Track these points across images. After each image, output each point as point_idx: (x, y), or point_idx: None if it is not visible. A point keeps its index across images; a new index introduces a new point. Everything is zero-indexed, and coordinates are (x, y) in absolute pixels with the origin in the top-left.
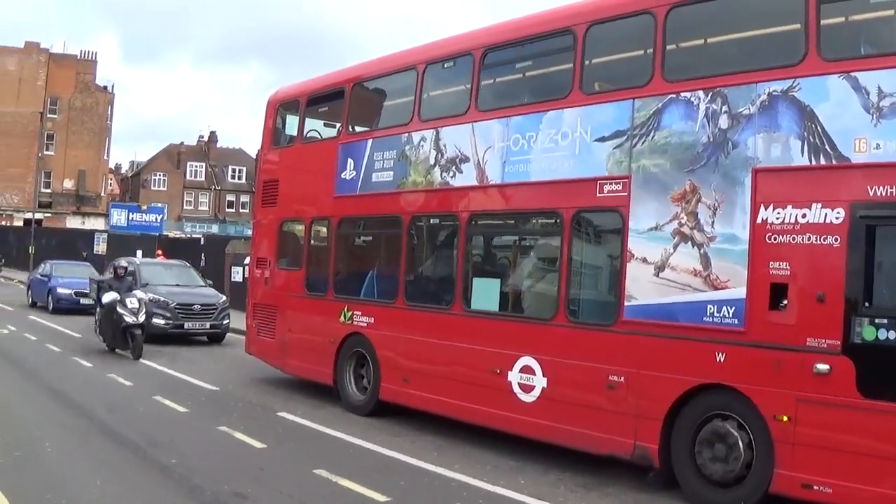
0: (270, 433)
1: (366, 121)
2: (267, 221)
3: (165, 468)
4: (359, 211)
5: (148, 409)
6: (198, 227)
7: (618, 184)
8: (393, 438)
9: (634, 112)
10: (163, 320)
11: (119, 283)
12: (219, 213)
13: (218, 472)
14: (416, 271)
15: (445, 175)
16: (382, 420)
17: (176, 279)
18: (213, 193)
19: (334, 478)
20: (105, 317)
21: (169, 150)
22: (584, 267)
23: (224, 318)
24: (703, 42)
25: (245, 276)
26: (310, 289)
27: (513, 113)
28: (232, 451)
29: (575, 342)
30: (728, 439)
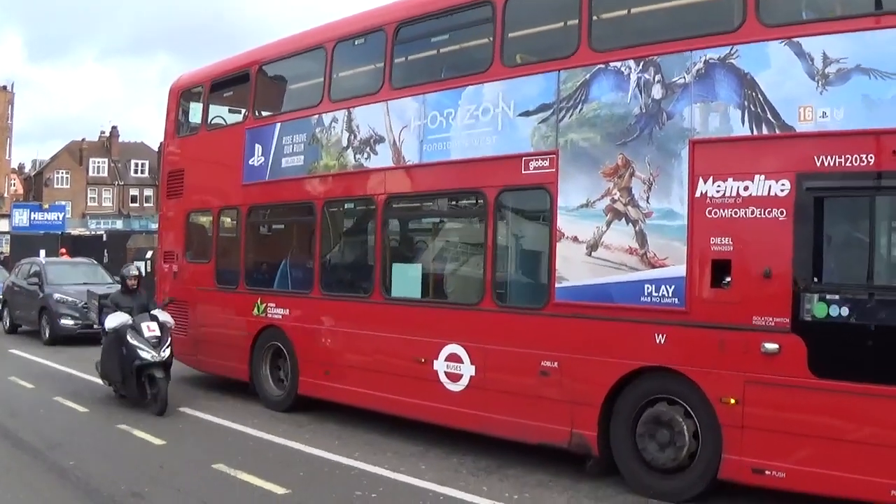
0: (170, 429)
1: (273, 104)
2: (173, 214)
3: (63, 471)
4: (269, 198)
5: (49, 410)
6: (102, 223)
7: (545, 160)
8: (294, 429)
9: (560, 84)
10: (71, 321)
11: (131, 300)
12: (123, 209)
13: (116, 472)
14: (331, 259)
15: (359, 157)
16: (287, 413)
17: (84, 277)
18: (117, 189)
19: (234, 472)
20: (110, 349)
21: (71, 147)
22: (510, 249)
23: None
24: (631, 10)
25: (147, 269)
26: (220, 281)
27: (429, 90)
28: (131, 450)
29: (503, 327)
30: (671, 424)
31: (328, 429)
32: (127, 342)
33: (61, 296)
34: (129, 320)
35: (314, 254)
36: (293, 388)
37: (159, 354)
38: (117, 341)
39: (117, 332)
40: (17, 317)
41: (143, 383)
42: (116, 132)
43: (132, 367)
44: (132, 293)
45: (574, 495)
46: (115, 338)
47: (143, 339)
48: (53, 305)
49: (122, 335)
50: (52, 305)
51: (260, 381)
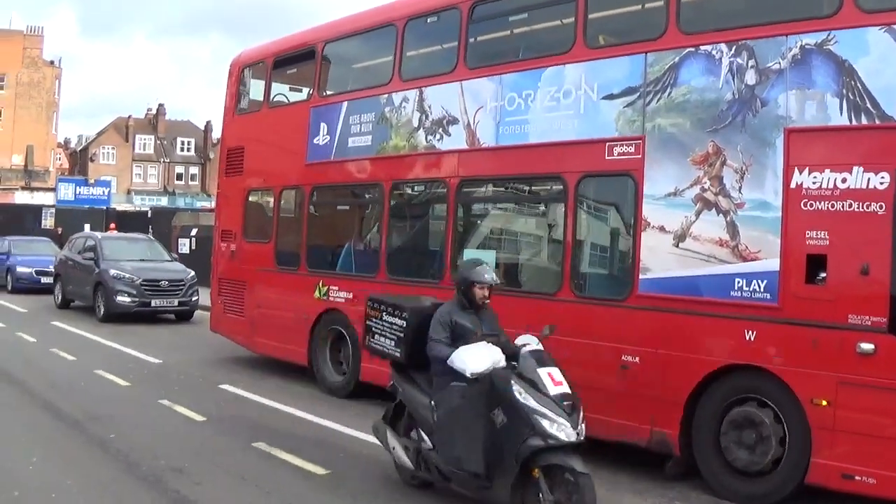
0: (212, 406)
1: (338, 82)
2: (232, 192)
3: (104, 443)
4: (334, 178)
5: (89, 383)
6: (147, 199)
7: (630, 145)
8: (336, 411)
9: (647, 67)
10: (128, 298)
11: (477, 322)
12: (168, 186)
13: (156, 446)
14: (399, 243)
15: (431, 138)
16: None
17: (141, 254)
18: (162, 166)
19: (274, 451)
20: (461, 413)
21: (117, 123)
22: (590, 236)
23: (193, 294)
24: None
25: (192, 247)
26: (280, 262)
27: (507, 70)
28: (172, 425)
29: (582, 319)
30: (758, 425)
31: (370, 412)
32: (515, 402)
33: (118, 272)
34: (501, 360)
35: (381, 237)
36: (354, 375)
37: (576, 431)
38: (482, 399)
39: (484, 382)
40: (69, 292)
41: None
42: (163, 110)
43: (522, 449)
44: (479, 310)
45: (613, 487)
46: (475, 393)
47: (545, 398)
48: (109, 282)
49: (502, 389)
50: (108, 282)
51: (319, 366)
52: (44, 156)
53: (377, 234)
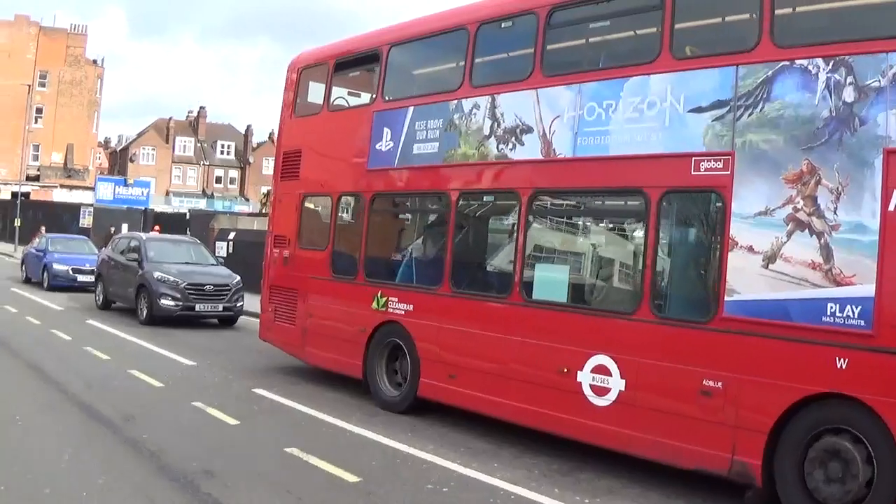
0: (244, 410)
1: (403, 87)
2: (287, 197)
3: (136, 444)
4: (397, 186)
5: (123, 383)
6: (185, 201)
7: (718, 161)
8: (369, 418)
9: (738, 80)
10: (172, 301)
11: None
12: (206, 189)
13: (188, 448)
14: (465, 254)
15: (503, 147)
16: (357, 398)
17: (186, 257)
18: (202, 169)
19: (306, 456)
20: None
21: (158, 124)
22: (672, 255)
23: (238, 299)
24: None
25: (230, 251)
26: (336, 271)
27: (587, 79)
28: (204, 428)
29: (661, 340)
30: (846, 458)
31: (402, 420)
32: None
33: (162, 275)
34: None
35: (445, 248)
36: (412, 390)
37: None
38: None
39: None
40: (111, 293)
41: None
42: (204, 112)
43: None
44: None
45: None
46: None
47: None
48: (153, 284)
49: None
50: (152, 284)
51: (374, 380)
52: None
53: (441, 245)
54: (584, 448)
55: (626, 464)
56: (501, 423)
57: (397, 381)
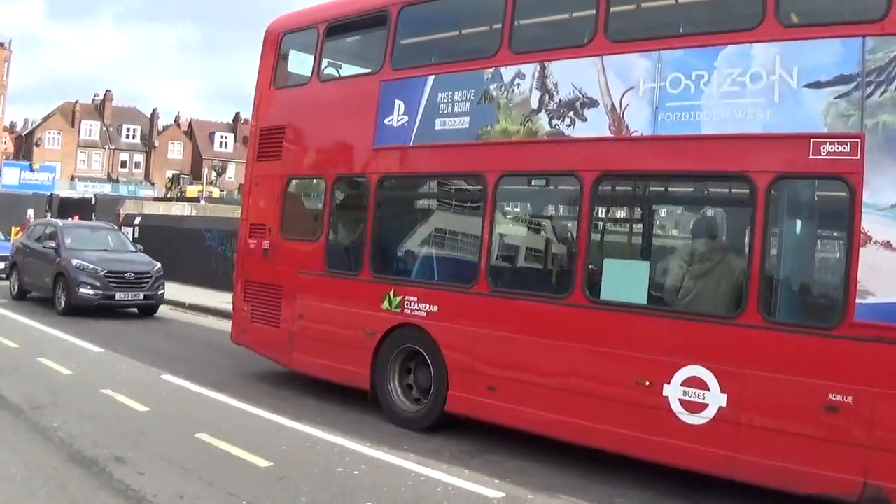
0: (153, 396)
1: (420, 53)
2: (266, 180)
3: (46, 432)
4: (413, 167)
5: (32, 371)
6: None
7: (844, 144)
8: (278, 403)
9: (866, 53)
10: (91, 290)
11: None
12: (112, 173)
13: (99, 435)
14: (507, 247)
15: (557, 123)
16: (268, 384)
17: (104, 244)
18: (107, 153)
19: (216, 442)
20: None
21: (64, 108)
22: (785, 250)
23: (159, 287)
24: None
25: (135, 236)
26: (333, 265)
27: (669, 45)
28: (114, 415)
29: (773, 349)
30: None
31: (310, 404)
32: None
33: (81, 262)
34: None
35: (481, 238)
36: (437, 403)
37: None
38: None
39: None
40: (27, 283)
41: None
42: (110, 95)
43: None
44: None
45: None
46: None
47: None
48: (72, 272)
49: None
50: (71, 272)
51: (386, 392)
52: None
53: (476, 235)
54: (494, 430)
55: (537, 446)
56: None
57: (413, 395)
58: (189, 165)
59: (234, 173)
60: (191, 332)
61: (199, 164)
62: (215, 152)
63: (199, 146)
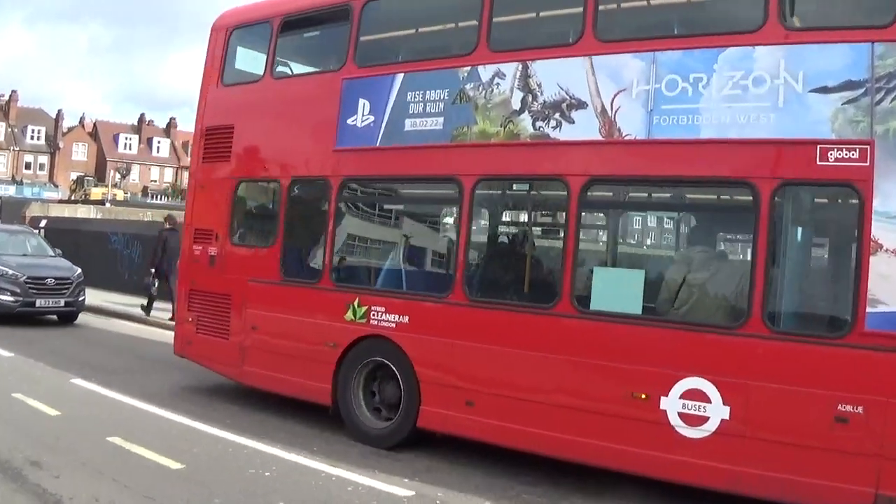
0: (65, 401)
1: (387, 49)
2: (213, 182)
3: None
4: (379, 170)
5: None
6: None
7: (853, 150)
8: (188, 406)
9: (875, 59)
10: (11, 297)
11: None
12: (16, 175)
13: (12, 440)
14: (488, 254)
15: (542, 125)
16: (180, 389)
17: (23, 248)
18: (12, 154)
19: (128, 445)
20: None
21: None
22: (790, 258)
23: (80, 293)
24: None
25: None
26: (290, 273)
27: (664, 46)
28: (27, 419)
29: (780, 360)
30: None
31: (221, 407)
32: None
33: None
34: None
35: (457, 245)
36: (408, 419)
37: None
38: None
39: None
40: None
41: None
42: (16, 96)
43: None
44: None
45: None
46: None
47: None
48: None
49: None
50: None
51: (350, 408)
52: None
53: (451, 241)
54: None
55: (444, 446)
56: (322, 409)
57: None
58: (93, 167)
59: (137, 175)
60: (102, 337)
61: (103, 166)
62: (119, 154)
63: (104, 148)
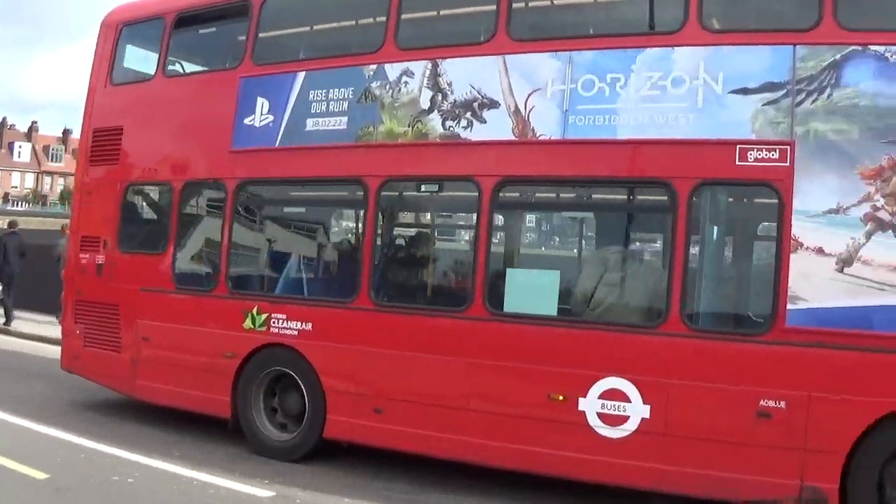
0: None
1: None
2: (101, 187)
3: None
4: (280, 171)
5: None
6: None
7: (773, 150)
8: (50, 416)
9: (797, 62)
10: None
11: None
12: None
13: None
14: (395, 258)
15: (452, 125)
16: (42, 398)
17: None
18: None
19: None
20: None
21: None
22: (709, 257)
23: None
24: None
25: None
26: (183, 281)
27: (579, 46)
28: None
29: (700, 357)
30: None
31: (83, 417)
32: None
33: None
34: None
35: (362, 248)
36: (313, 430)
37: None
38: None
39: None
40: None
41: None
42: None
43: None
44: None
45: (324, 481)
46: None
47: None
48: None
49: None
50: None
51: (251, 420)
52: None
53: (356, 244)
54: None
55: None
56: (183, 416)
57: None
58: None
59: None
60: None
61: None
62: None
63: None
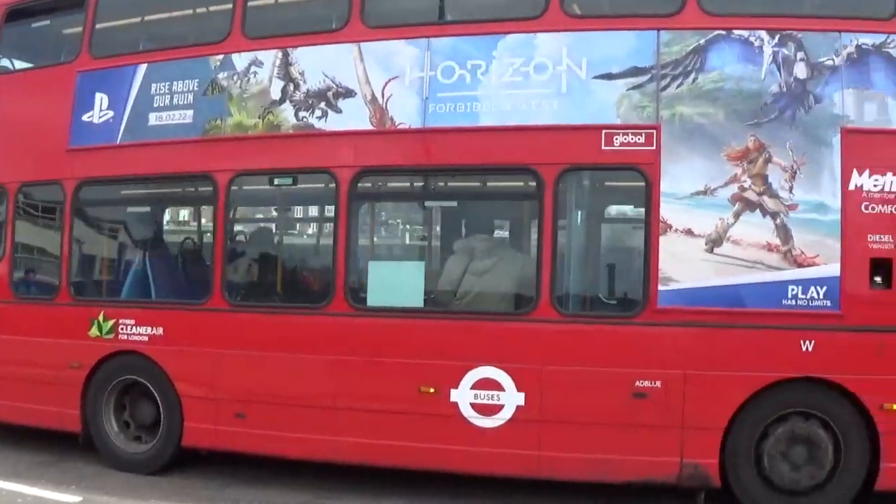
0: None
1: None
2: None
3: None
4: (122, 169)
5: None
6: None
7: (639, 135)
8: None
9: (661, 46)
10: None
11: None
12: None
13: None
14: (250, 255)
15: (306, 115)
16: None
17: None
18: None
19: None
20: None
21: None
22: (577, 242)
23: None
24: None
25: None
26: (20, 290)
27: (439, 33)
28: None
29: (572, 342)
30: (811, 439)
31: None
32: None
33: None
34: None
35: (214, 247)
36: (170, 440)
37: None
38: None
39: None
40: None
41: None
42: None
43: None
44: None
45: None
46: None
47: None
48: None
49: None
50: None
51: (102, 433)
52: None
53: (206, 243)
54: (67, 439)
55: None
56: None
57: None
58: None
59: None
60: None
61: None
62: None
63: None
